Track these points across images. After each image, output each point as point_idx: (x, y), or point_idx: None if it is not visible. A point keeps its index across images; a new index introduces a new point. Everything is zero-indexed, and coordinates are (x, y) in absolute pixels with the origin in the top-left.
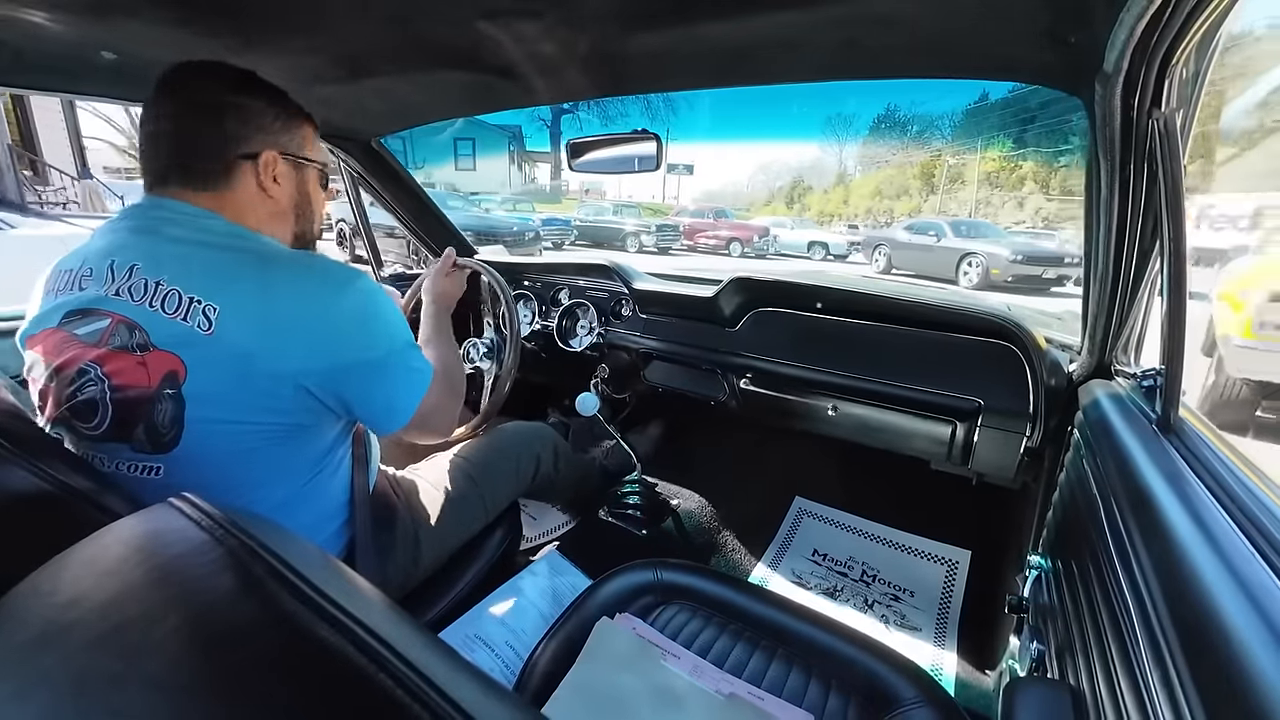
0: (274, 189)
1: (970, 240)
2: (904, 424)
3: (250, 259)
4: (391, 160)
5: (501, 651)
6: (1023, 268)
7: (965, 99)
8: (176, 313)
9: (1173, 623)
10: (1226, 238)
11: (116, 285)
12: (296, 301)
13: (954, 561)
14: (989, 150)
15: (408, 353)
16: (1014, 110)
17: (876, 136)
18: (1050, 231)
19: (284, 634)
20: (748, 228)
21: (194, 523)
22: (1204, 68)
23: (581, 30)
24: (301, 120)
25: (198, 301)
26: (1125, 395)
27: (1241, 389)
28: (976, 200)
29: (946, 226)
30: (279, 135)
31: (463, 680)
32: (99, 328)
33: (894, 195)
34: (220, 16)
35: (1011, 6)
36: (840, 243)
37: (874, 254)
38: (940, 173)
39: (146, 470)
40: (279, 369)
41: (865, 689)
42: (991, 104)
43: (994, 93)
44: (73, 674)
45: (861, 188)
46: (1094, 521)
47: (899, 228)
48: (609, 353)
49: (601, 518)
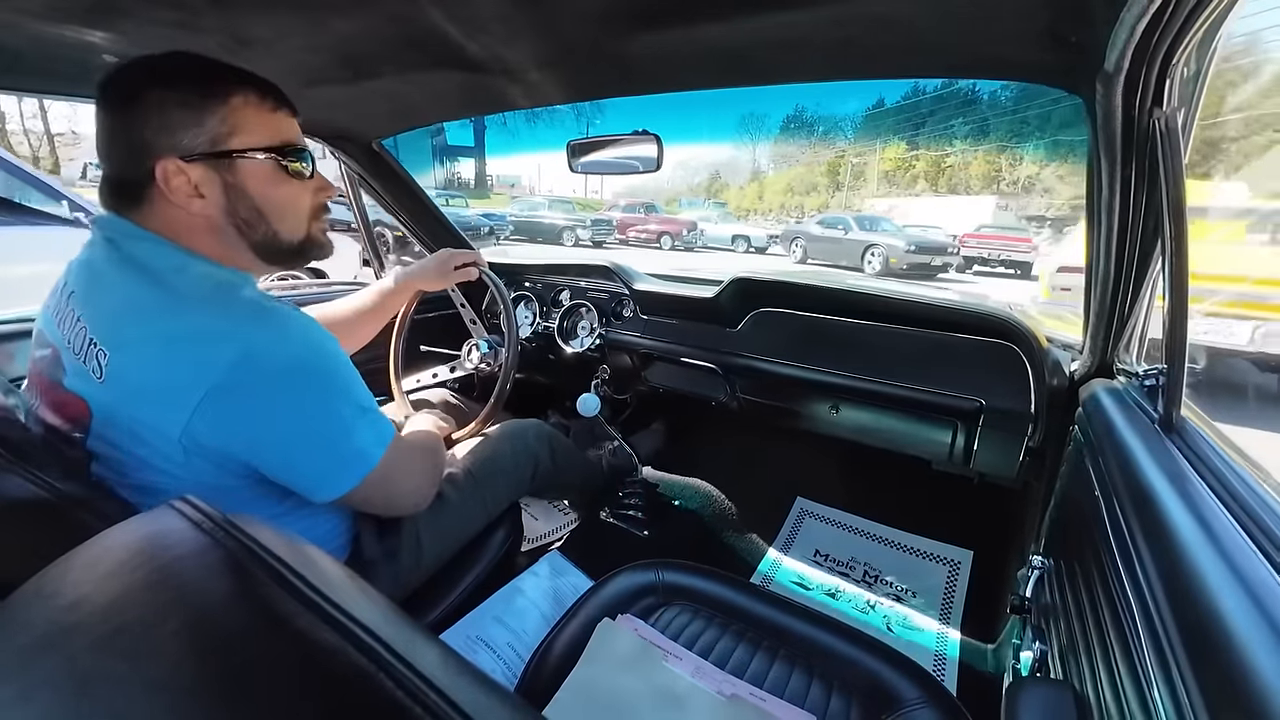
0: (197, 203)
1: (872, 233)
2: (905, 424)
3: (156, 297)
4: (392, 161)
5: (503, 653)
6: (915, 257)
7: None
8: (80, 353)
9: (1175, 622)
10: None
11: (59, 313)
12: (183, 347)
13: (956, 562)
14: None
15: (335, 423)
16: (907, 114)
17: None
18: (937, 225)
19: (284, 636)
20: (676, 222)
21: (194, 525)
22: (1205, 67)
23: (582, 31)
24: (223, 95)
25: (94, 344)
26: (1127, 394)
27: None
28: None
29: (852, 221)
30: (186, 131)
31: (464, 682)
32: (44, 355)
33: (804, 191)
34: (219, 16)
35: (1011, 6)
36: (761, 235)
37: (791, 246)
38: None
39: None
40: (160, 430)
41: (867, 689)
42: (887, 109)
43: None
44: (75, 676)
45: (775, 184)
46: (1096, 521)
47: (812, 222)
48: (610, 354)
49: (603, 519)
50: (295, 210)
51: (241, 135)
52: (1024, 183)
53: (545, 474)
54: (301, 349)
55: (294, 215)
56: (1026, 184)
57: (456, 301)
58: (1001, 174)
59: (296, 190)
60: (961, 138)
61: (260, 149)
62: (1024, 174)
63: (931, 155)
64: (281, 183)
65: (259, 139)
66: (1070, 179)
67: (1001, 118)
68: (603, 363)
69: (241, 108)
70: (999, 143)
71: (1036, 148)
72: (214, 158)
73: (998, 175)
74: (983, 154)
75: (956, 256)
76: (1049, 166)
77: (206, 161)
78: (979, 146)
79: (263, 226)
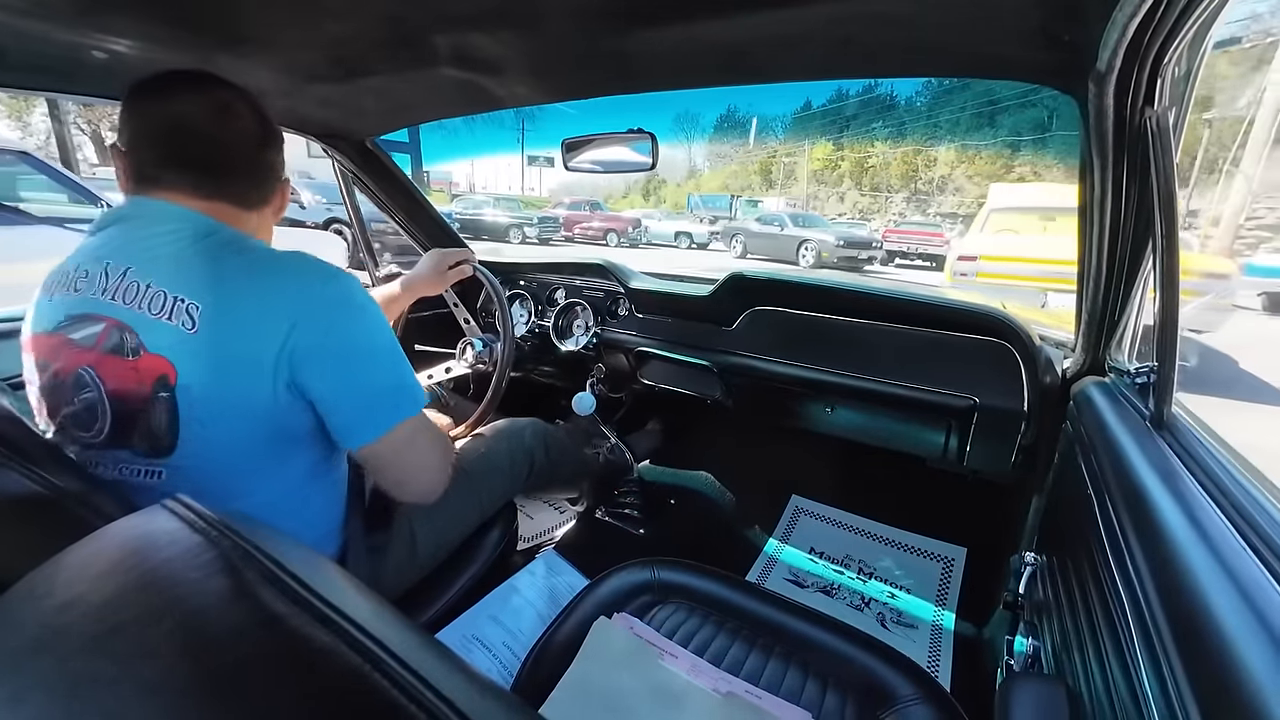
0: (280, 205)
1: (806, 229)
2: (899, 422)
3: (238, 257)
4: (386, 160)
5: (499, 652)
6: (845, 251)
7: (793, 104)
8: (161, 313)
9: (1166, 617)
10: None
11: (110, 288)
12: (277, 292)
13: (950, 558)
14: (815, 150)
15: (394, 362)
16: (832, 117)
17: (720, 135)
18: (863, 221)
19: (278, 636)
20: (621, 219)
21: (187, 525)
22: (1195, 67)
23: (579, 29)
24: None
25: (181, 300)
26: (1119, 392)
27: None
28: (808, 194)
29: (787, 218)
30: (282, 160)
31: (459, 681)
32: (93, 331)
33: (739, 189)
34: (213, 12)
35: (1006, 6)
36: (703, 232)
37: (732, 242)
38: (777, 169)
39: (149, 474)
40: (257, 359)
41: (862, 686)
42: (814, 110)
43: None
44: (68, 678)
45: (711, 181)
46: (1088, 518)
47: (751, 219)
48: (605, 352)
49: (598, 517)
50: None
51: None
52: (938, 182)
53: (541, 471)
54: (371, 302)
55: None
56: (940, 183)
57: (450, 301)
58: (918, 174)
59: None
60: (882, 139)
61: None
62: (938, 175)
63: (855, 156)
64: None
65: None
66: (978, 179)
67: (917, 121)
68: (598, 361)
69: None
70: (915, 145)
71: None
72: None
73: (915, 175)
74: (900, 155)
75: (880, 250)
76: (959, 168)
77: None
78: (898, 148)
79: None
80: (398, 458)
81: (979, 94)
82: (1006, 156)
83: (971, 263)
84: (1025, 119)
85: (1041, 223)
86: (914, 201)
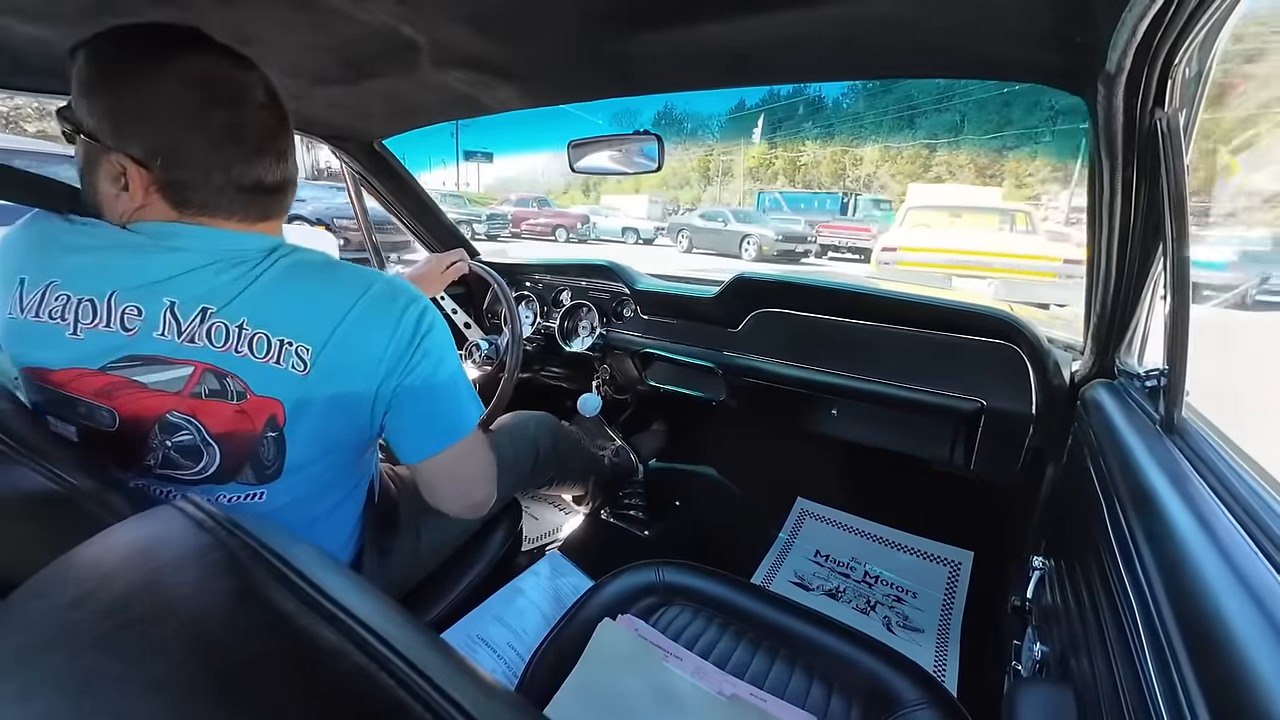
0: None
1: (747, 225)
2: (905, 425)
3: (325, 287)
4: (394, 161)
5: (503, 652)
6: (784, 244)
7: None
8: (268, 357)
9: (1176, 622)
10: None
11: (187, 330)
12: (379, 325)
13: (956, 563)
14: (750, 150)
15: (461, 385)
16: (765, 117)
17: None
18: (796, 217)
19: (286, 635)
20: (569, 215)
21: (195, 524)
22: (1207, 67)
23: (584, 31)
24: None
25: (289, 344)
26: (1128, 395)
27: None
28: (744, 191)
29: (730, 214)
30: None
31: (465, 681)
32: (178, 375)
33: (678, 186)
34: (221, 15)
35: (1013, 9)
36: (649, 228)
37: (678, 237)
38: (715, 167)
39: (249, 498)
40: (360, 396)
41: (868, 690)
42: (748, 110)
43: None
44: (76, 675)
45: (650, 179)
46: (1097, 522)
47: (695, 215)
48: (610, 354)
49: (603, 518)
50: None
51: None
52: (864, 180)
53: (546, 462)
54: (434, 312)
55: None
56: (866, 181)
57: (448, 308)
58: (846, 172)
59: None
60: (812, 139)
61: None
62: (864, 173)
63: (789, 155)
64: None
65: None
66: (900, 178)
67: (845, 122)
68: (603, 363)
69: None
70: (843, 145)
71: (873, 149)
72: None
73: (843, 173)
74: (830, 154)
75: (815, 244)
76: (883, 166)
77: None
78: (827, 148)
79: None
80: (451, 473)
81: (899, 98)
82: (925, 157)
83: (893, 253)
84: (941, 122)
85: (950, 219)
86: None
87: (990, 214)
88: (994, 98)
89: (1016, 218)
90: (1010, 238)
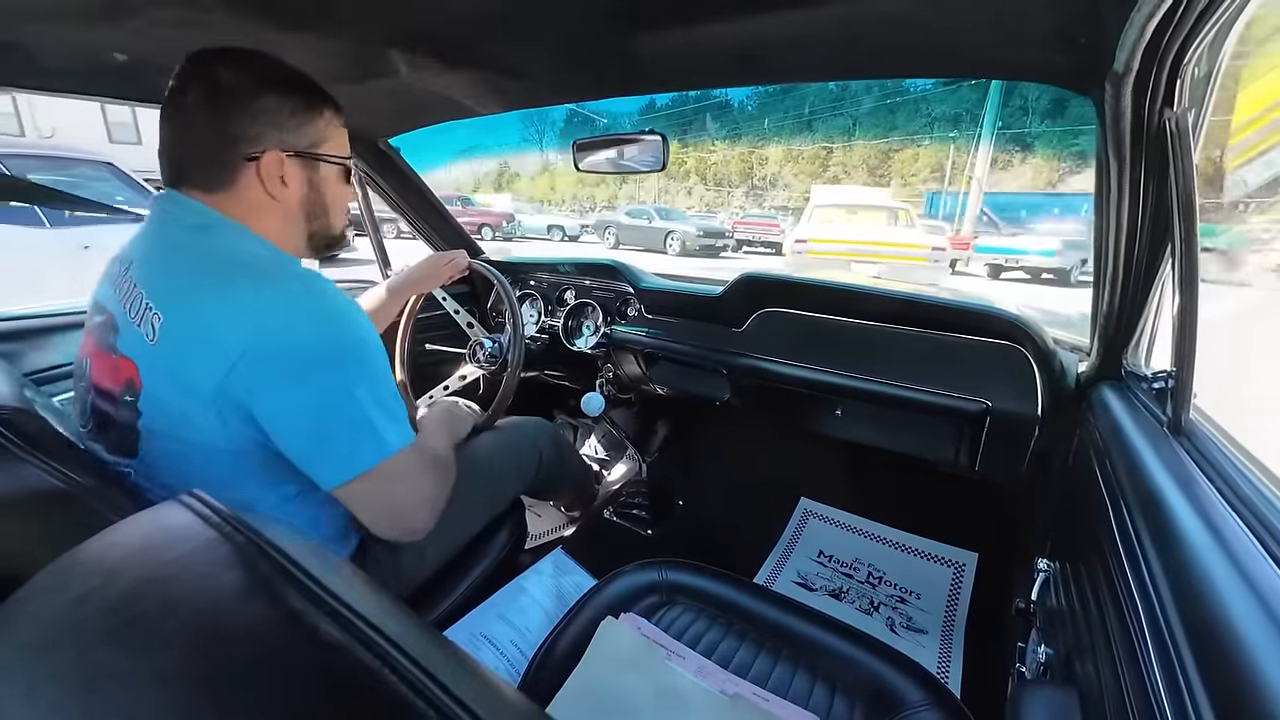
0: (281, 191)
1: (670, 221)
2: (910, 426)
3: (215, 265)
4: (400, 161)
5: (506, 650)
6: (704, 240)
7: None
8: (136, 317)
9: (1182, 625)
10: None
11: (117, 282)
12: (229, 311)
13: (961, 564)
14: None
15: (365, 403)
16: (675, 118)
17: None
18: (713, 214)
19: (291, 631)
20: (493, 214)
21: (202, 519)
22: (1216, 67)
23: (588, 31)
24: (321, 109)
25: (150, 309)
26: (1135, 397)
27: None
28: (659, 189)
29: (654, 211)
30: (292, 132)
31: (468, 679)
32: (97, 322)
33: (594, 183)
34: (227, 15)
35: (1020, 7)
36: (574, 225)
37: (604, 234)
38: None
39: (119, 473)
40: (196, 388)
41: (871, 691)
42: (659, 111)
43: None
44: (83, 671)
45: (566, 176)
46: (1103, 524)
47: (621, 213)
48: (614, 353)
49: (606, 517)
50: (344, 208)
51: (329, 144)
52: (770, 179)
53: (549, 469)
54: (341, 329)
55: (342, 212)
56: (772, 180)
57: (450, 308)
58: (754, 171)
59: (347, 192)
60: (721, 140)
61: (340, 158)
62: (770, 172)
63: (699, 154)
64: (341, 184)
65: (338, 149)
66: (802, 177)
67: (750, 124)
68: (607, 362)
69: (332, 121)
70: (749, 146)
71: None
72: (307, 158)
73: (751, 173)
74: (738, 154)
75: (732, 239)
76: (786, 166)
77: (302, 159)
78: (734, 148)
79: (323, 218)
80: (379, 496)
81: (797, 101)
82: (823, 157)
83: (804, 244)
84: (836, 126)
85: (848, 215)
86: (751, 195)
87: (880, 210)
88: (881, 106)
89: (899, 214)
90: (895, 230)
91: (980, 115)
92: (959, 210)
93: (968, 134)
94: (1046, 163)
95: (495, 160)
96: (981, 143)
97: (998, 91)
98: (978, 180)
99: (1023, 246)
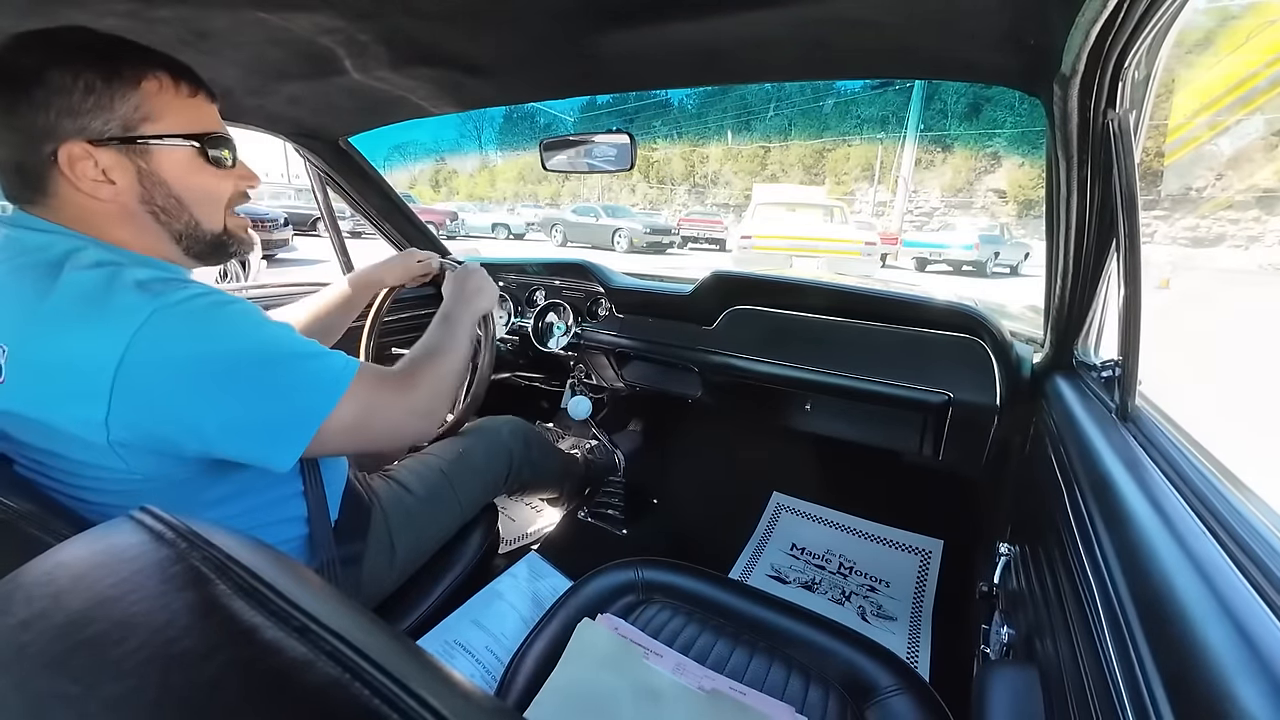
0: (108, 190)
1: (617, 219)
2: (877, 418)
3: (48, 284)
4: (360, 160)
5: (482, 657)
6: (651, 236)
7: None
8: None
9: (1132, 601)
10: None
11: None
12: (77, 332)
13: (927, 551)
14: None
15: (275, 355)
16: (615, 115)
17: (510, 126)
18: (656, 210)
19: (252, 649)
20: (437, 212)
21: (155, 536)
22: (1154, 70)
23: (553, 28)
24: (137, 79)
25: None
26: (1085, 385)
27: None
28: (603, 186)
29: (600, 209)
30: (92, 114)
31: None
32: None
33: (535, 181)
34: (175, 7)
35: (973, 11)
36: (519, 223)
37: (552, 231)
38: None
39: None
40: (82, 422)
41: (844, 679)
42: (600, 109)
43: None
44: (28, 699)
45: (506, 173)
46: (1058, 508)
47: (569, 210)
48: (586, 353)
49: (581, 518)
50: (213, 199)
51: (158, 121)
52: (711, 176)
53: (521, 469)
54: (203, 326)
55: (213, 204)
56: (713, 177)
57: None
58: (695, 169)
59: (217, 179)
60: (662, 138)
61: (179, 135)
62: (711, 170)
63: (642, 152)
64: (201, 171)
65: (177, 125)
66: (742, 174)
67: (690, 122)
68: (579, 362)
69: (156, 93)
70: (690, 144)
71: (718, 148)
72: (126, 143)
73: (693, 170)
74: (680, 153)
75: (678, 236)
76: (727, 164)
77: (118, 147)
78: (675, 146)
79: (184, 215)
80: (348, 440)
81: (737, 99)
82: (761, 156)
83: (749, 239)
84: (773, 125)
85: (788, 212)
86: (694, 193)
87: (817, 208)
88: (813, 107)
89: (834, 211)
90: (831, 226)
91: (905, 117)
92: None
93: (894, 135)
94: (965, 163)
95: (432, 157)
96: (906, 143)
97: (920, 95)
98: (904, 179)
99: (945, 241)
